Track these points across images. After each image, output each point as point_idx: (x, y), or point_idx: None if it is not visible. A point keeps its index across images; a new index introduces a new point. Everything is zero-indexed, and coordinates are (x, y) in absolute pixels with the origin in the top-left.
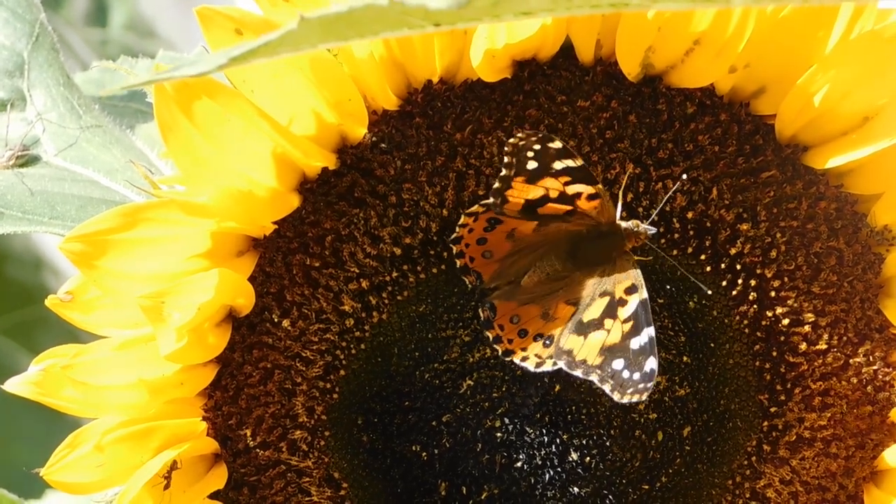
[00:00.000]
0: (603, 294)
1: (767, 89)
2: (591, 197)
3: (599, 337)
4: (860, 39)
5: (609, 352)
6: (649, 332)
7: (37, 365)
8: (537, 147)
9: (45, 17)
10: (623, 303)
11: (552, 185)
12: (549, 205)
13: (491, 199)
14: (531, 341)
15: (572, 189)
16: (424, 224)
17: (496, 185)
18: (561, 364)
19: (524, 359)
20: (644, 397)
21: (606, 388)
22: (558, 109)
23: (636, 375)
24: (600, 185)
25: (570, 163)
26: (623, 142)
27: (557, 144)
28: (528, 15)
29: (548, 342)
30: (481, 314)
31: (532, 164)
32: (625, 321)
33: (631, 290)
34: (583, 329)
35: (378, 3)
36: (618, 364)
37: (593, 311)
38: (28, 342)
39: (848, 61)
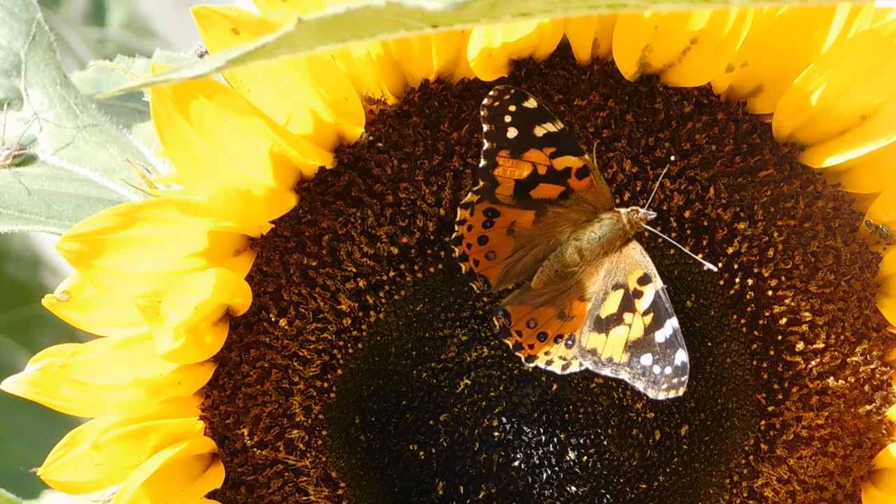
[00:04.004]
0: (616, 287)
1: (764, 88)
2: (580, 173)
3: (622, 332)
4: (857, 38)
5: (634, 347)
6: (672, 323)
7: (34, 364)
8: (513, 108)
9: (41, 17)
10: (639, 294)
11: (538, 159)
12: (541, 185)
13: (481, 182)
14: (552, 343)
15: (560, 163)
16: (421, 223)
17: (481, 163)
18: (587, 364)
19: (549, 362)
20: (681, 392)
21: (639, 385)
22: (555, 108)
23: (668, 370)
24: (587, 156)
25: (550, 127)
26: (620, 141)
27: (532, 103)
28: (525, 16)
29: (570, 342)
30: (496, 323)
31: (512, 132)
32: (644, 314)
33: (644, 279)
34: (602, 326)
35: (375, 5)
36: (646, 360)
37: (610, 306)
38: (26, 340)
39: (845, 60)
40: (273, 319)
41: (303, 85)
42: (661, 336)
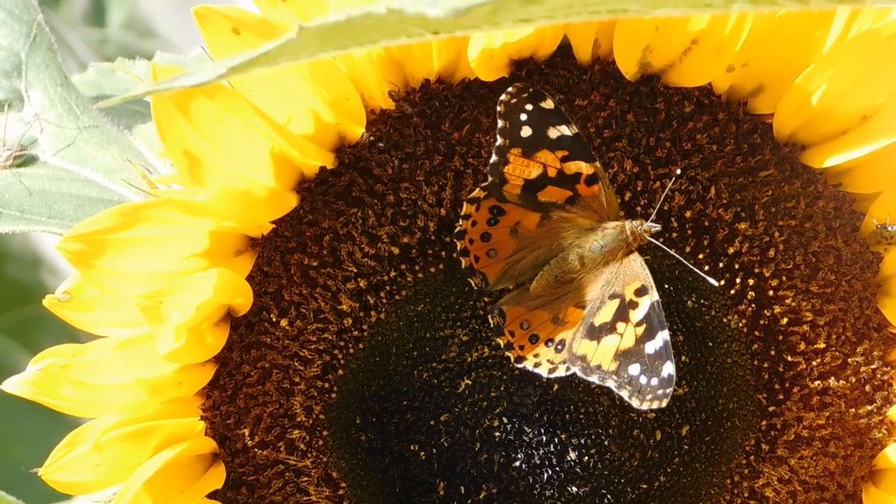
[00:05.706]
0: (613, 296)
1: (765, 88)
2: (589, 181)
3: (613, 341)
4: (858, 38)
5: (624, 357)
6: (664, 335)
7: (35, 365)
8: (529, 107)
9: (42, 18)
10: (634, 305)
11: (549, 161)
12: (549, 188)
13: (489, 178)
14: (542, 346)
15: (570, 168)
16: (422, 223)
17: (493, 158)
18: (575, 370)
19: (536, 365)
20: (664, 403)
21: (624, 394)
22: None
23: (654, 381)
24: (598, 164)
25: (564, 130)
26: (621, 141)
27: (549, 104)
28: (526, 22)
29: (559, 347)
30: (491, 321)
31: (526, 131)
32: (637, 324)
33: (641, 291)
34: (595, 333)
35: (376, 12)
36: (634, 369)
37: (604, 315)
38: (27, 341)
39: (846, 60)
40: (274, 320)
41: (304, 85)
42: (651, 347)
